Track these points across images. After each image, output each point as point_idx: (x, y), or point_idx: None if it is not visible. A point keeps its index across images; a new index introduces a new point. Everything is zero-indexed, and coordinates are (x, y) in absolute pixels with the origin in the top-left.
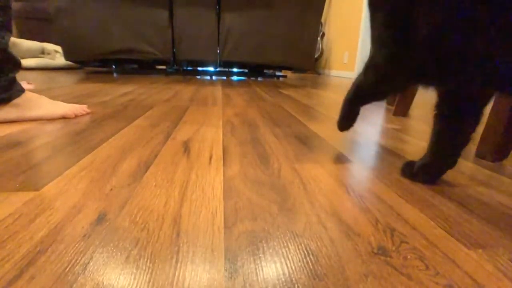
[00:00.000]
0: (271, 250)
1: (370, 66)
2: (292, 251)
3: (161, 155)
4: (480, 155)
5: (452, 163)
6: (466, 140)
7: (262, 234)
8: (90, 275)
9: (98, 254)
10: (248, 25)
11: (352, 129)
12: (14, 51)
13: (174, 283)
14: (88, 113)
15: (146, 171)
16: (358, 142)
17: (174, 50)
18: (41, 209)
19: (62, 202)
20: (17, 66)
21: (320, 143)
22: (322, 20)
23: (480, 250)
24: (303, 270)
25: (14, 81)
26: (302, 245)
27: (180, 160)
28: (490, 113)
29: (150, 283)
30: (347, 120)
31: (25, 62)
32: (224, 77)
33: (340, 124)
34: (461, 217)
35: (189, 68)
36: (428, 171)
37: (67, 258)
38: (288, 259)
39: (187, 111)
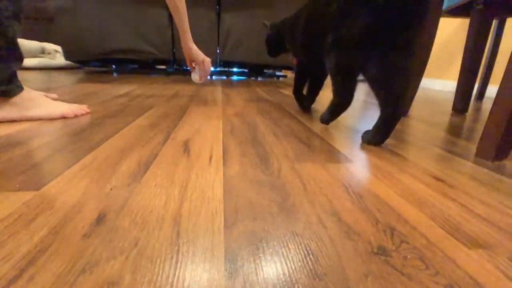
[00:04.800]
0: (271, 250)
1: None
2: (292, 251)
3: (161, 155)
4: (480, 155)
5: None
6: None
7: (262, 234)
8: (90, 275)
9: (98, 254)
10: (248, 25)
11: (352, 129)
12: None
13: (174, 283)
14: (88, 113)
15: (146, 171)
16: (358, 142)
17: (174, 50)
18: (41, 209)
19: (62, 202)
20: (21, 60)
21: (320, 143)
22: None
23: (480, 250)
24: (303, 270)
25: (15, 76)
26: (302, 245)
27: (180, 160)
28: (490, 113)
29: (150, 283)
30: (308, 101)
31: (25, 62)
32: (224, 77)
33: (302, 106)
34: (461, 217)
35: (189, 68)
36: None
37: (67, 258)
38: (288, 259)
39: (187, 111)
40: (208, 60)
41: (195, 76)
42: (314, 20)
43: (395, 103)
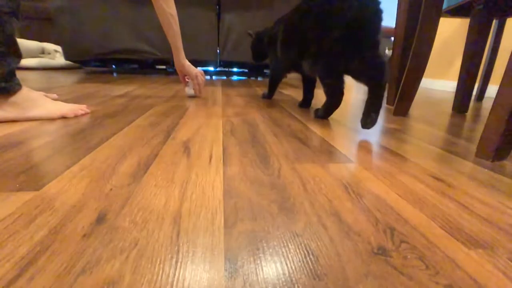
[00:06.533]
0: (271, 250)
1: (275, 67)
2: (292, 251)
3: (161, 155)
4: (480, 155)
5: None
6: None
7: (262, 234)
8: (90, 275)
9: (98, 254)
10: (248, 25)
11: (352, 129)
12: None
13: (174, 283)
14: (87, 113)
15: (146, 171)
16: (358, 142)
17: None
18: (41, 209)
19: (62, 202)
20: (19, 57)
21: (320, 143)
22: None
23: (480, 250)
24: (303, 270)
25: (14, 73)
26: (302, 245)
27: (180, 160)
28: (490, 113)
29: (150, 283)
30: (272, 94)
31: (25, 62)
32: (224, 77)
33: (268, 96)
34: (461, 217)
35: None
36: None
37: (67, 258)
38: (288, 259)
39: (187, 111)
40: (201, 73)
41: (189, 90)
42: (290, 34)
43: (379, 73)
